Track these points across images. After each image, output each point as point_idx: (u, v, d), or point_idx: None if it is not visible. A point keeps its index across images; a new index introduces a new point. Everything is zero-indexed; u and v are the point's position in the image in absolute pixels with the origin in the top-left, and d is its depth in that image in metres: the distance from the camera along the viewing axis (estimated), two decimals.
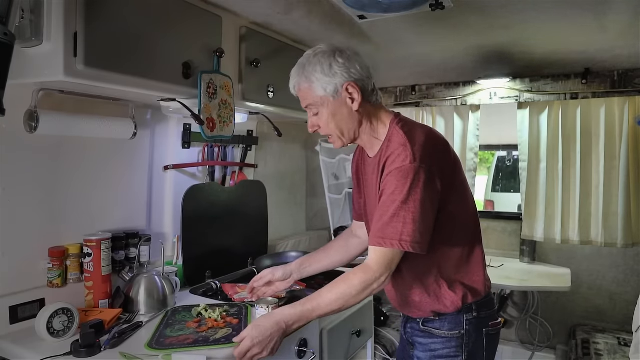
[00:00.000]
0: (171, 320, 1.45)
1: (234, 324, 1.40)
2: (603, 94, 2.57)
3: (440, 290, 1.25)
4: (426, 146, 1.15)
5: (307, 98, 1.25)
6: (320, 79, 1.20)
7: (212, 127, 1.57)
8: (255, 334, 1.13)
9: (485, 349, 1.29)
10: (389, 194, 1.13)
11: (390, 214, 1.11)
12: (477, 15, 1.69)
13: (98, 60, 1.18)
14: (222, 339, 1.29)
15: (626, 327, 2.56)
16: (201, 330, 1.35)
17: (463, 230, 1.27)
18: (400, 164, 1.12)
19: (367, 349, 2.13)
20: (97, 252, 1.49)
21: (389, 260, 1.14)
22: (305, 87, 1.23)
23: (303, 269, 1.56)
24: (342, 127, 1.24)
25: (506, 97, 2.83)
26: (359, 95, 1.21)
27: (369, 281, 1.14)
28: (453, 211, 1.22)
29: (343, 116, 1.22)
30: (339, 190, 2.83)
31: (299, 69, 1.24)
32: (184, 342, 1.27)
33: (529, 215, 2.89)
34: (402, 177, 1.11)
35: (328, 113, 1.22)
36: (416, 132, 1.19)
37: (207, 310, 1.49)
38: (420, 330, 1.31)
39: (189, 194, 1.84)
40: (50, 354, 1.20)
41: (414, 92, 3.05)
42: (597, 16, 1.68)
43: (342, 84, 1.20)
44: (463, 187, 1.27)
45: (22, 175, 1.39)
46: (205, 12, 1.56)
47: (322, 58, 1.20)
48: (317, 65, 1.20)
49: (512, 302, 3.02)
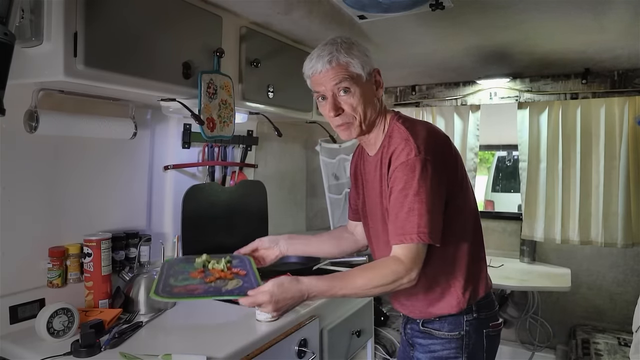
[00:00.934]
0: (172, 271, 1.31)
1: (241, 276, 1.27)
2: (603, 94, 2.57)
3: (449, 289, 1.24)
4: (428, 140, 1.16)
5: (342, 72, 1.18)
6: (360, 57, 1.20)
7: (212, 127, 1.57)
8: (276, 292, 1.10)
9: (485, 350, 1.28)
10: (400, 189, 1.13)
11: (405, 209, 1.11)
12: (477, 15, 1.69)
13: (98, 60, 1.18)
14: (236, 290, 1.16)
15: (626, 327, 2.56)
16: (209, 281, 1.23)
17: (468, 227, 1.27)
18: (405, 158, 1.13)
19: (367, 349, 2.13)
20: (97, 252, 1.49)
21: (417, 255, 1.12)
22: (344, 61, 1.18)
23: (290, 242, 1.50)
24: (367, 112, 1.22)
25: (506, 97, 2.83)
26: (383, 84, 1.24)
27: (400, 274, 1.11)
28: (458, 206, 1.22)
29: (370, 100, 1.22)
30: (339, 190, 2.83)
31: (333, 47, 1.19)
32: (194, 292, 1.16)
33: (529, 215, 2.89)
34: (410, 171, 1.11)
35: (360, 93, 1.20)
36: (417, 127, 1.20)
37: (211, 262, 1.35)
38: (420, 331, 1.31)
39: (189, 194, 1.84)
40: (50, 354, 1.20)
41: (414, 92, 3.05)
42: (597, 16, 1.68)
43: (374, 69, 1.23)
44: (465, 183, 1.27)
45: (22, 175, 1.39)
46: (205, 12, 1.56)
47: (354, 43, 1.21)
48: (352, 45, 1.20)
49: (512, 302, 3.02)
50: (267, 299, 1.09)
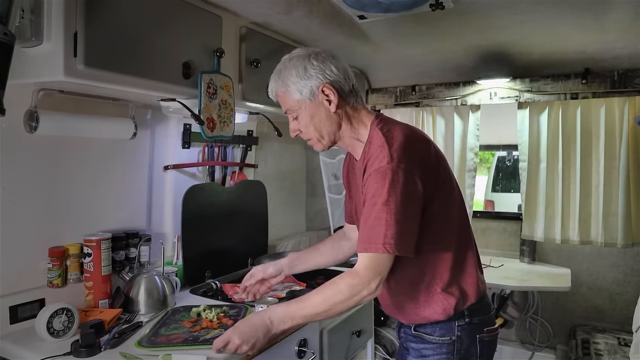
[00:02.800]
0: (169, 320, 1.44)
1: (228, 325, 1.37)
2: (603, 94, 2.57)
3: (433, 296, 1.22)
4: (405, 146, 1.14)
5: (285, 102, 1.26)
6: (296, 82, 1.21)
7: (212, 127, 1.57)
8: (240, 326, 1.16)
9: (479, 356, 1.25)
10: (370, 197, 1.11)
11: (372, 217, 1.09)
12: (477, 15, 1.69)
13: (98, 60, 1.18)
14: (212, 339, 1.23)
15: (626, 327, 2.56)
16: (194, 330, 1.34)
17: (451, 232, 1.23)
18: (377, 165, 1.11)
19: (367, 349, 2.13)
20: (97, 252, 1.49)
21: (376, 266, 1.10)
22: (282, 92, 1.24)
23: (293, 266, 1.57)
24: (321, 129, 1.24)
25: (506, 97, 2.83)
26: (336, 97, 1.21)
27: (357, 287, 1.11)
28: (438, 211, 1.19)
29: (321, 118, 1.23)
30: (339, 190, 2.83)
31: (276, 75, 1.25)
32: (173, 341, 1.26)
33: (529, 215, 2.88)
34: (381, 178, 1.09)
35: (306, 116, 1.23)
36: (395, 131, 1.17)
37: (205, 311, 1.48)
38: (412, 335, 1.29)
39: (189, 194, 1.84)
40: (50, 354, 1.20)
41: (414, 92, 3.05)
42: (597, 16, 1.68)
43: (318, 86, 1.20)
44: (448, 187, 1.24)
45: (22, 175, 1.39)
46: (205, 12, 1.56)
47: (297, 62, 1.21)
48: (292, 69, 1.21)
49: (512, 302, 3.02)
50: (230, 334, 1.15)
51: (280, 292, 1.74)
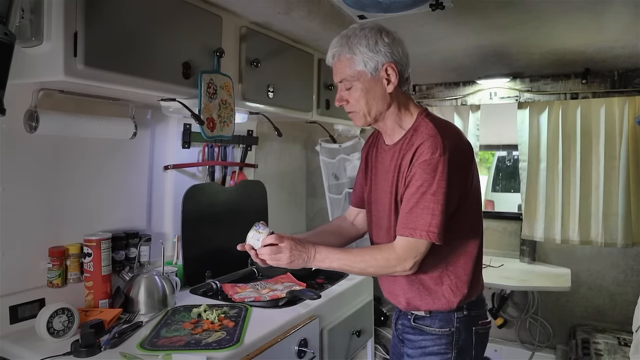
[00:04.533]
0: (169, 320, 1.44)
1: (229, 328, 1.38)
2: (603, 94, 2.57)
3: (440, 287, 1.25)
4: (455, 142, 1.19)
5: (343, 70, 1.24)
6: (364, 52, 1.20)
7: (212, 127, 1.57)
8: (292, 244, 1.21)
9: (474, 347, 1.30)
10: (419, 185, 1.15)
11: (421, 206, 1.14)
12: (477, 15, 1.69)
13: (98, 60, 1.18)
14: (214, 344, 1.26)
15: (626, 327, 2.56)
16: (195, 332, 1.34)
17: (474, 229, 1.29)
18: (429, 156, 1.15)
19: (367, 349, 2.13)
20: (97, 252, 1.49)
21: (415, 249, 1.16)
22: (346, 58, 1.23)
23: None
24: (372, 106, 1.25)
25: (506, 97, 2.83)
26: (396, 78, 1.23)
27: (392, 261, 1.18)
28: (469, 208, 1.25)
29: (376, 95, 1.23)
30: (339, 190, 2.83)
31: (342, 39, 1.23)
32: (176, 344, 1.26)
33: (529, 215, 2.89)
34: (432, 170, 1.14)
35: (362, 88, 1.23)
36: (445, 127, 1.22)
37: (206, 312, 1.48)
38: (410, 327, 1.32)
39: (189, 193, 1.84)
40: (50, 354, 1.20)
41: (414, 92, 3.05)
42: (597, 16, 1.68)
43: (383, 63, 1.21)
44: (476, 189, 1.29)
45: (22, 175, 1.39)
46: (205, 11, 1.56)
47: (368, 33, 1.21)
48: (362, 38, 1.21)
49: (512, 302, 3.02)
50: (283, 247, 1.20)
51: (280, 292, 1.74)
